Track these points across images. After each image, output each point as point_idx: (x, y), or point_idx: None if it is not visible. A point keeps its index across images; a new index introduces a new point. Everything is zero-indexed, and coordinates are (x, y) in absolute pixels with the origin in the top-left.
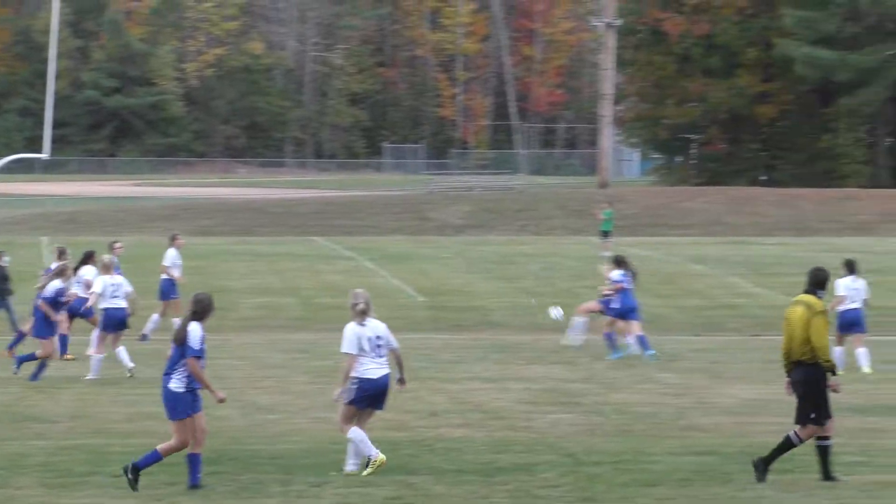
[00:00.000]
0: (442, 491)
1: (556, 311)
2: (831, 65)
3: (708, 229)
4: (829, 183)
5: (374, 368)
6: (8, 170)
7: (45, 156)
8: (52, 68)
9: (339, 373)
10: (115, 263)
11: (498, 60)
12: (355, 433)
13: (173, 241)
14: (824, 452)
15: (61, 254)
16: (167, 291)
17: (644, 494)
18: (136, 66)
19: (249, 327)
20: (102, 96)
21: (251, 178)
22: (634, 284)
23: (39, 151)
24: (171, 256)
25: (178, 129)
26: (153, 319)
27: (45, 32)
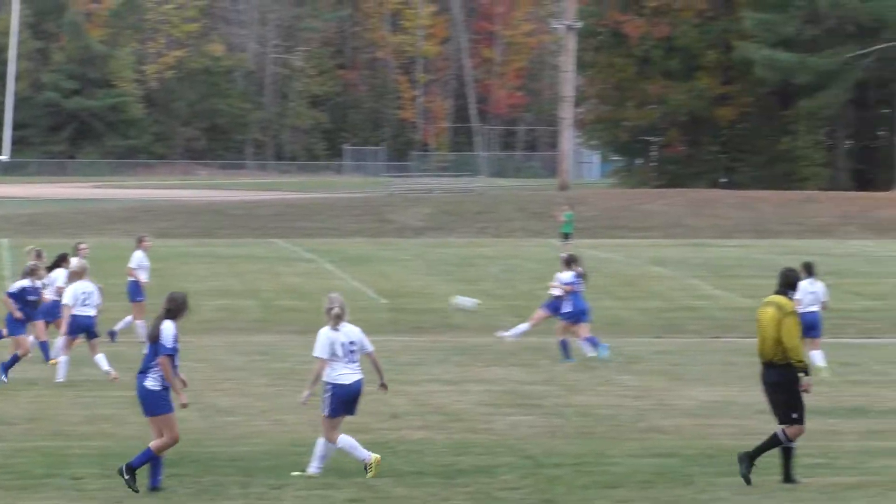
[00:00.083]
0: (402, 493)
1: (465, 301)
2: (791, 67)
3: (668, 231)
4: (788, 185)
5: (346, 374)
6: None
7: (4, 157)
8: (11, 70)
9: (306, 374)
10: (86, 268)
11: (458, 63)
12: (344, 441)
13: (140, 243)
14: (788, 455)
15: (38, 255)
16: (133, 293)
17: (604, 496)
18: (96, 68)
19: (209, 329)
20: (62, 98)
21: (211, 180)
22: (585, 286)
23: None
24: (138, 258)
25: (139, 131)
26: (125, 321)
27: (5, 34)
